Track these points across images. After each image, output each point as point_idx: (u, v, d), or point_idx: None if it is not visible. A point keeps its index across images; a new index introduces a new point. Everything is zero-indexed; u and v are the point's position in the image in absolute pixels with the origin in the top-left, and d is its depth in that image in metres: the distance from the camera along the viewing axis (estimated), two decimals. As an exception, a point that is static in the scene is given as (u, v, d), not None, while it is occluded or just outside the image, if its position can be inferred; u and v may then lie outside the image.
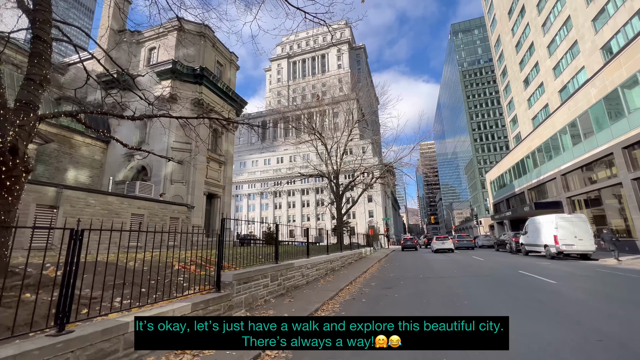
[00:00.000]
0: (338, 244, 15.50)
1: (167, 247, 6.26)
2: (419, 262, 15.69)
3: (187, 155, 24.70)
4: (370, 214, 70.14)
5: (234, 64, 31.60)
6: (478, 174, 73.00)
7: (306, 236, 10.26)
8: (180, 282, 5.86)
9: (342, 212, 23.34)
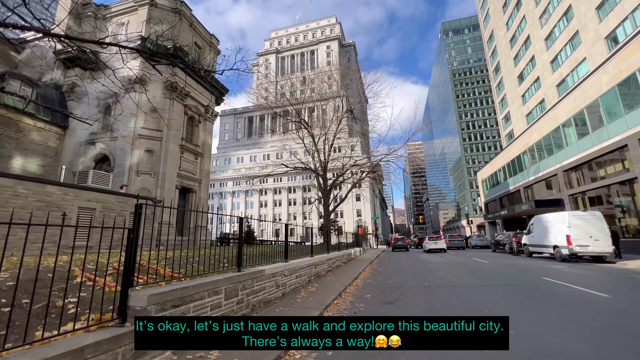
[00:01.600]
0: (325, 244, 13.33)
1: (114, 246, 3.86)
2: (416, 265, 13.79)
3: (157, 143, 22.11)
4: (358, 212, 68.50)
5: (214, 47, 28.99)
6: (467, 173, 72.59)
7: (285, 234, 8.11)
8: (78, 305, 3.55)
9: (329, 209, 21.29)
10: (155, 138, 21.83)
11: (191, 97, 24.90)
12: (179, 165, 23.30)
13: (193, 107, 25.08)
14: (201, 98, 26.31)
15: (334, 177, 22.31)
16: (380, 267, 13.63)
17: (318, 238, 26.57)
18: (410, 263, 15.28)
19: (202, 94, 26.44)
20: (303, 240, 22.71)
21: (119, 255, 5.94)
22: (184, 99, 23.93)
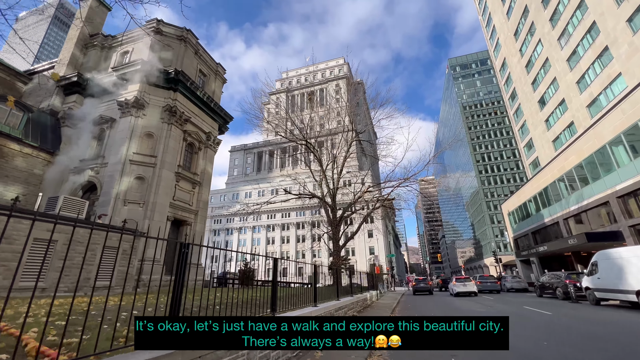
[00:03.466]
0: (334, 286, 10.21)
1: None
2: None
3: (149, 170, 20.24)
4: (371, 250, 63.99)
5: (220, 75, 28.43)
6: (486, 207, 68.27)
7: (273, 270, 5.41)
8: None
9: (339, 244, 18.29)
10: (148, 164, 20.01)
11: (192, 123, 23.55)
12: (173, 194, 21.16)
13: (193, 133, 23.61)
14: (203, 124, 24.97)
15: (343, 211, 19.58)
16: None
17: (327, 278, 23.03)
18: (445, 314, 11.83)
19: (204, 120, 25.16)
20: (311, 281, 19.13)
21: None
22: (183, 124, 22.54)
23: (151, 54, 22.42)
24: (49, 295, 10.96)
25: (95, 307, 6.86)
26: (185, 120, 22.75)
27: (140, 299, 9.59)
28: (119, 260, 14.36)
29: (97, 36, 24.84)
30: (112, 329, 2.67)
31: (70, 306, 2.11)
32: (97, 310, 6.01)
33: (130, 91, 20.96)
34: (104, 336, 2.55)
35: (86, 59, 24.08)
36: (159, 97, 21.66)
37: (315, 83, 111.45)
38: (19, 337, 1.93)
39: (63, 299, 9.49)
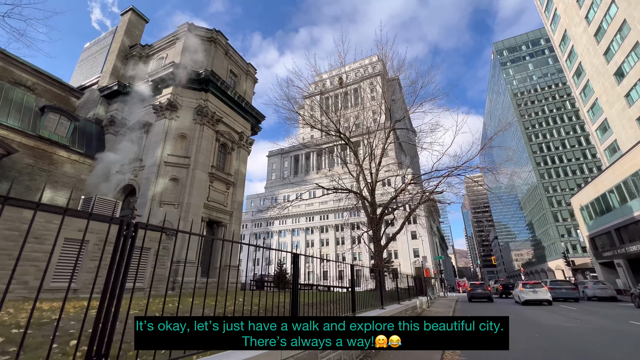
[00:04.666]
0: (378, 291, 8.42)
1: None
2: (550, 342, 7.92)
3: (183, 171, 20.16)
4: (415, 252, 60.02)
5: (250, 75, 28.14)
6: (547, 204, 60.49)
7: (293, 269, 3.96)
8: None
9: (381, 244, 16.34)
10: (182, 165, 19.94)
11: (224, 123, 23.30)
12: (207, 195, 20.90)
13: (226, 133, 23.34)
14: (235, 124, 24.67)
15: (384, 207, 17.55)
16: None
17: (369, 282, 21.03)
18: (526, 331, 9.36)
19: (236, 120, 24.86)
20: (352, 285, 17.21)
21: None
22: (215, 124, 22.32)
23: (182, 56, 22.64)
24: (78, 297, 10.66)
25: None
26: (217, 121, 22.53)
27: (172, 301, 8.70)
28: (151, 261, 14.00)
29: (136, 47, 25.91)
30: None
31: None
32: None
33: (164, 94, 21.22)
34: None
35: (126, 69, 25.13)
36: (191, 98, 21.68)
37: (349, 83, 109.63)
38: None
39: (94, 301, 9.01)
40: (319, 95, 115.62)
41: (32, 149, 18.07)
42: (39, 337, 3.74)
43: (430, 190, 15.98)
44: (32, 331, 3.90)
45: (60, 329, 3.90)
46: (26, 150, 17.91)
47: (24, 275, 9.80)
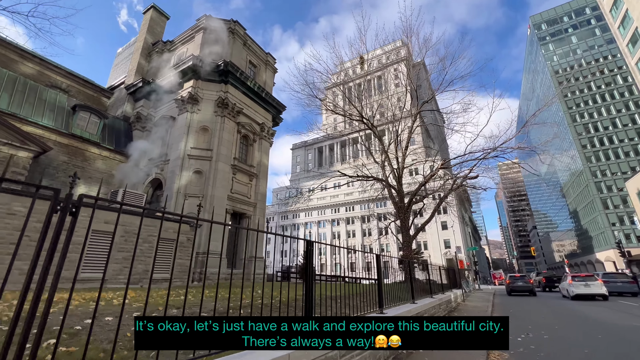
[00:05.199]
0: (407, 284, 7.62)
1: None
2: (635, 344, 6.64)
3: (206, 163, 20.24)
4: (446, 243, 57.64)
5: (270, 65, 27.67)
6: (595, 189, 55.22)
7: (305, 257, 3.33)
8: None
9: (410, 233, 15.34)
10: (205, 158, 20.01)
11: (244, 115, 23.11)
12: (231, 187, 20.90)
13: (247, 124, 23.16)
14: (256, 116, 24.42)
15: (412, 194, 16.42)
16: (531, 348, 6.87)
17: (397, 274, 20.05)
18: (586, 331, 8.12)
19: (256, 111, 24.59)
20: (378, 277, 16.40)
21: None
22: (236, 116, 22.17)
23: (201, 49, 22.60)
24: (106, 288, 10.85)
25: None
26: (238, 112, 22.36)
27: (193, 293, 8.52)
28: (177, 252, 14.08)
29: (158, 43, 26.32)
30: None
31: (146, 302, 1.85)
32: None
33: (185, 88, 21.31)
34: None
35: (150, 66, 25.64)
36: (211, 91, 21.63)
37: (372, 70, 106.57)
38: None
39: (121, 291, 9.05)
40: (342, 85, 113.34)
41: (66, 146, 18.91)
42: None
43: (463, 176, 14.66)
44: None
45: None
46: (61, 148, 18.77)
47: (55, 266, 10.08)
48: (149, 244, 12.89)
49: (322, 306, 4.79)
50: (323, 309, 5.18)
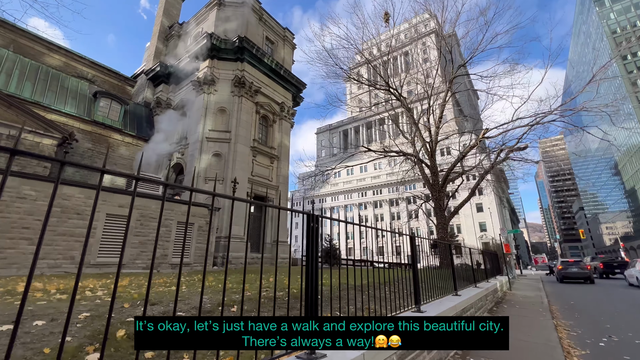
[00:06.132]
0: (444, 270, 6.14)
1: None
2: None
3: (225, 146, 19.59)
4: (482, 226, 54.33)
5: (288, 41, 26.14)
6: (660, 164, 48.55)
7: (308, 238, 2.28)
8: None
9: (445, 214, 13.70)
10: (223, 140, 19.34)
11: (263, 94, 22.04)
12: (251, 169, 20.18)
13: (265, 104, 22.12)
14: (275, 95, 23.27)
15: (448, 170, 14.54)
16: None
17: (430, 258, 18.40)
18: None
19: (275, 90, 23.42)
20: (412, 261, 15.02)
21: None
22: (253, 95, 21.17)
23: (215, 27, 21.61)
24: (122, 273, 10.53)
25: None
26: (256, 91, 21.33)
27: (216, 279, 7.75)
28: (197, 236, 13.63)
29: (174, 26, 25.71)
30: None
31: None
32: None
33: (201, 69, 20.55)
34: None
35: (167, 50, 25.20)
36: (227, 70, 20.70)
37: (399, 46, 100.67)
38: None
39: (142, 276, 8.56)
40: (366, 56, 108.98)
41: (89, 133, 19.07)
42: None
43: (511, 147, 12.58)
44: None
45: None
46: (85, 135, 18.94)
47: (71, 250, 9.85)
48: (166, 228, 12.47)
49: (340, 300, 3.63)
50: (343, 304, 4.05)
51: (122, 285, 6.09)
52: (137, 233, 11.63)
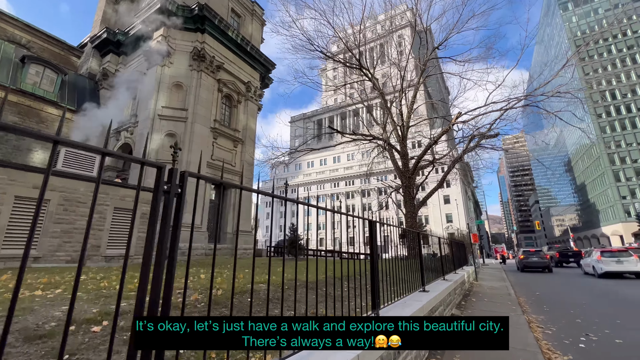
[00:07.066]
0: (411, 261, 5.06)
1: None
2: None
3: (181, 125, 17.65)
4: (448, 218, 56.13)
5: (257, 16, 24.15)
6: (608, 162, 52.52)
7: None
8: None
9: (414, 203, 13.09)
10: (179, 119, 17.37)
11: (226, 71, 20.12)
12: (211, 153, 18.44)
13: (229, 82, 20.25)
14: (240, 73, 21.40)
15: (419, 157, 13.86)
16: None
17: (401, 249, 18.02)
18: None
19: (241, 68, 21.54)
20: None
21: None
22: (215, 71, 19.23)
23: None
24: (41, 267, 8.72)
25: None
26: (218, 67, 19.38)
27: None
28: (139, 224, 11.90)
29: (126, -11, 22.74)
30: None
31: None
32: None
33: (155, 38, 18.23)
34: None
35: (118, 15, 22.27)
36: (185, 41, 18.55)
37: (374, 38, 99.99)
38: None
39: (59, 272, 6.90)
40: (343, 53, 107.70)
41: (15, 104, 16.26)
42: None
43: (484, 133, 12.08)
44: None
45: None
46: (9, 107, 16.14)
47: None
48: (99, 215, 10.65)
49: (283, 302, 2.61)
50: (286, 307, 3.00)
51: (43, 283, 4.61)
52: (59, 220, 9.74)
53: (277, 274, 8.36)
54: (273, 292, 5.23)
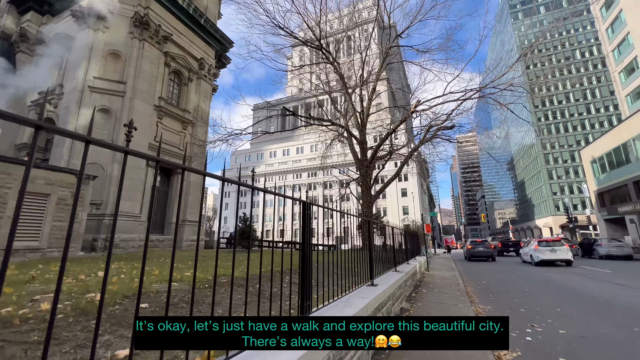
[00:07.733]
0: (363, 252, 4.39)
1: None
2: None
3: (117, 100, 15.51)
4: (404, 210, 58.45)
5: (214, -13, 22.07)
6: (544, 161, 58.18)
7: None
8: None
9: (371, 192, 12.85)
10: (115, 93, 15.20)
11: (175, 44, 18.09)
12: (155, 134, 16.52)
13: (179, 57, 18.26)
14: (192, 48, 19.43)
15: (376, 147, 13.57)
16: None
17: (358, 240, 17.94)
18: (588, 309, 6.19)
19: (193, 42, 19.56)
20: (338, 243, 13.52)
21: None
22: (162, 42, 17.15)
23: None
24: None
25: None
26: (165, 38, 17.32)
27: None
28: (53, 212, 10.07)
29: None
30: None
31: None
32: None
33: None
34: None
35: (42, -33, 18.86)
36: (126, 4, 16.21)
37: (340, 30, 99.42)
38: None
39: None
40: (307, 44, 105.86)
41: None
42: None
43: (439, 124, 12.07)
44: None
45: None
46: None
47: None
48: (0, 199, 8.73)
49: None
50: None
51: None
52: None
53: (226, 267, 7.45)
54: (188, 292, 4.34)
